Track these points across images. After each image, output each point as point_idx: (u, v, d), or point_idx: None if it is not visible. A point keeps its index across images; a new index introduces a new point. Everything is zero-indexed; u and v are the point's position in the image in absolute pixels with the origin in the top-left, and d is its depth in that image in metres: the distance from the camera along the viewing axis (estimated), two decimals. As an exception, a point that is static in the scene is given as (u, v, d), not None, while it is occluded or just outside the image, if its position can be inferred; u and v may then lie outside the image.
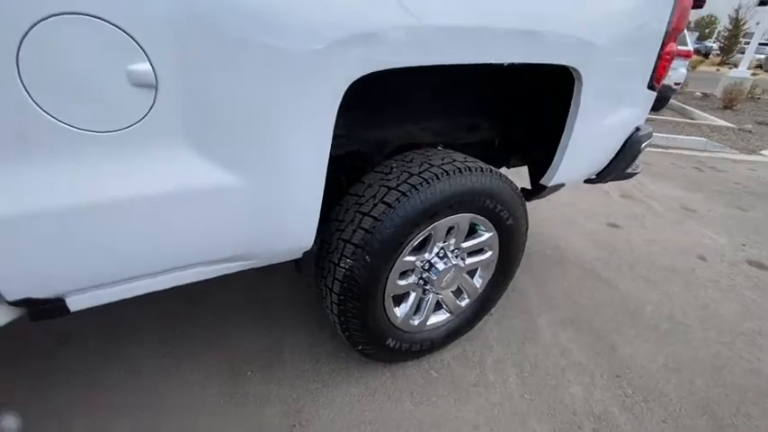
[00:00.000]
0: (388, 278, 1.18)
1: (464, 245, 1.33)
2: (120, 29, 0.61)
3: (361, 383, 1.36)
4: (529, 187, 1.60)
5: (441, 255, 1.29)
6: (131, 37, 0.62)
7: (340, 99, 0.81)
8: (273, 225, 0.88)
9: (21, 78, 0.57)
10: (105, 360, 1.35)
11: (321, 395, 1.31)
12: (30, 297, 0.73)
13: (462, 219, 1.24)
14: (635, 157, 1.59)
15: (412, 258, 1.22)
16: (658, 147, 5.02)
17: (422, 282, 1.30)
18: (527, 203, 1.53)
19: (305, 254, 1.05)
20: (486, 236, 1.35)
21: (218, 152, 0.75)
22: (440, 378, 1.42)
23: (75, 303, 0.80)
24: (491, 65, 1.04)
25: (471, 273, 1.45)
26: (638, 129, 1.56)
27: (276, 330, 1.54)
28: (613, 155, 1.55)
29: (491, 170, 1.22)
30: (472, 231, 1.34)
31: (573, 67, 1.14)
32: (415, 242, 1.18)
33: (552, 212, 2.75)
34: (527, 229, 1.44)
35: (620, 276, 2.09)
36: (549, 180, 1.42)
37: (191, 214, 0.77)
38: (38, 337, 1.40)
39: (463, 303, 1.46)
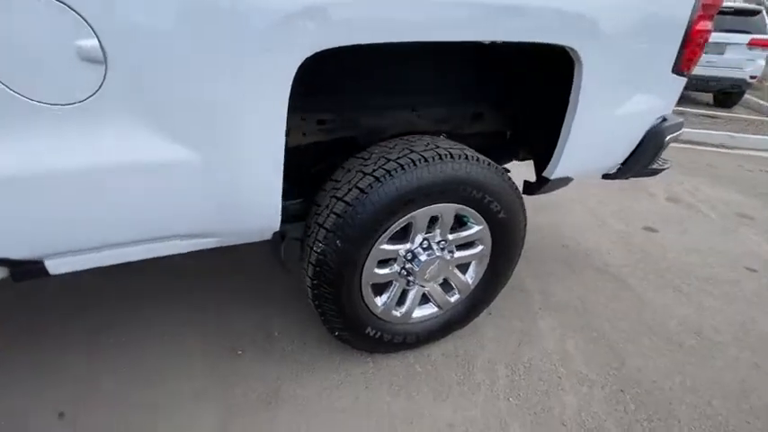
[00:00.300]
0: (363, 265, 1.16)
1: (451, 237, 1.27)
2: (67, 5, 0.64)
3: (342, 370, 1.36)
4: (533, 180, 1.49)
5: (425, 246, 1.25)
6: (78, 14, 0.65)
7: (292, 75, 0.80)
8: (231, 201, 0.90)
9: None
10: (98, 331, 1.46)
11: (302, 377, 1.33)
12: (7, 257, 0.80)
13: (446, 209, 1.19)
14: (658, 152, 1.43)
15: (391, 247, 1.19)
16: (724, 147, 4.51)
17: (404, 272, 1.26)
18: (538, 196, 1.45)
19: (276, 237, 1.06)
20: (476, 229, 1.28)
21: (168, 127, 0.78)
22: (423, 373, 1.38)
23: (54, 267, 0.87)
24: (478, 44, 0.98)
25: (462, 267, 1.39)
26: (663, 119, 1.41)
27: (270, 312, 1.57)
28: (632, 148, 1.41)
29: (479, 159, 1.16)
30: (462, 224, 1.29)
31: (570, 48, 1.04)
32: (393, 230, 1.15)
33: (582, 212, 2.57)
34: (525, 225, 1.36)
35: (645, 285, 1.91)
36: (552, 172, 1.32)
37: (145, 187, 0.81)
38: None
39: (453, 299, 1.40)
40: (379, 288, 1.28)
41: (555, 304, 1.73)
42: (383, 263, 1.23)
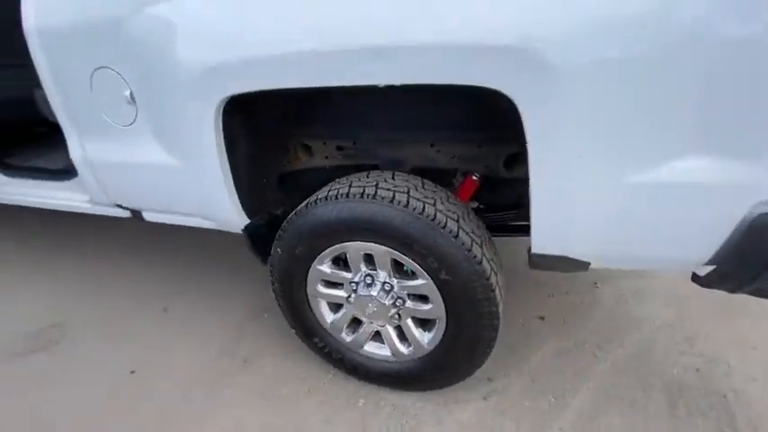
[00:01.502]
0: (306, 279, 1.28)
1: (395, 282, 1.19)
2: (120, 76, 1.17)
3: (300, 367, 1.49)
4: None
5: (368, 281, 1.22)
6: (124, 79, 1.17)
7: (220, 111, 1.06)
8: (203, 195, 1.25)
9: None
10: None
11: (265, 355, 1.55)
12: (120, 204, 1.48)
13: (377, 250, 1.12)
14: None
15: (331, 270, 1.25)
16: None
17: (350, 301, 1.28)
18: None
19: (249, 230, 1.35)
20: (419, 282, 1.13)
21: (165, 142, 1.21)
22: (363, 408, 1.34)
23: (148, 217, 1.52)
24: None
25: (426, 324, 1.25)
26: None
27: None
28: (711, 240, 0.83)
29: (407, 204, 1.04)
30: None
31: (501, 92, 0.79)
32: (328, 254, 1.21)
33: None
34: (491, 299, 1.07)
35: None
36: (533, 244, 0.98)
37: (160, 179, 1.29)
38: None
39: (406, 351, 1.28)
40: (337, 306, 1.35)
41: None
42: (331, 284, 1.30)
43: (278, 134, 1.33)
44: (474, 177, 1.38)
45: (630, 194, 0.81)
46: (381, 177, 1.14)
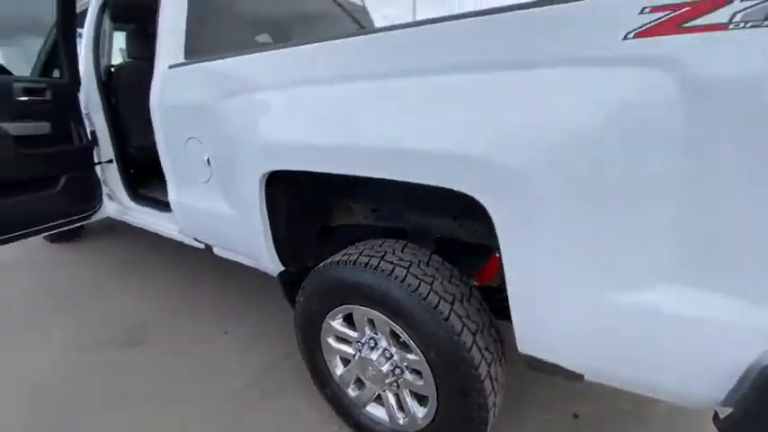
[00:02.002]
0: (321, 331, 1.39)
1: (394, 350, 1.23)
2: (199, 141, 1.49)
3: (313, 411, 1.57)
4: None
5: (371, 345, 1.28)
6: (201, 143, 1.48)
7: (263, 180, 1.28)
8: (250, 242, 1.48)
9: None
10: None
11: (288, 391, 1.68)
12: (196, 238, 1.81)
13: (378, 317, 1.19)
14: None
15: (342, 328, 1.34)
16: None
17: (355, 359, 1.35)
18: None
19: (283, 276, 1.54)
20: (413, 356, 1.15)
21: (227, 197, 1.48)
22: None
23: (216, 251, 1.83)
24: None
25: (423, 398, 1.25)
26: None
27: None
28: (712, 379, 0.72)
29: (403, 279, 1.09)
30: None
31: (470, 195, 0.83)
32: (339, 312, 1.31)
33: None
34: (484, 393, 1.04)
35: None
36: (518, 343, 0.95)
37: (222, 224, 1.56)
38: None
39: (401, 421, 1.29)
40: (347, 361, 1.43)
41: None
42: (342, 339, 1.38)
43: (316, 199, 1.51)
44: (498, 255, 1.36)
45: (612, 313, 0.76)
46: (391, 249, 1.22)
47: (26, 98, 1.85)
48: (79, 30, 2.29)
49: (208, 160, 1.50)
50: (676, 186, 0.65)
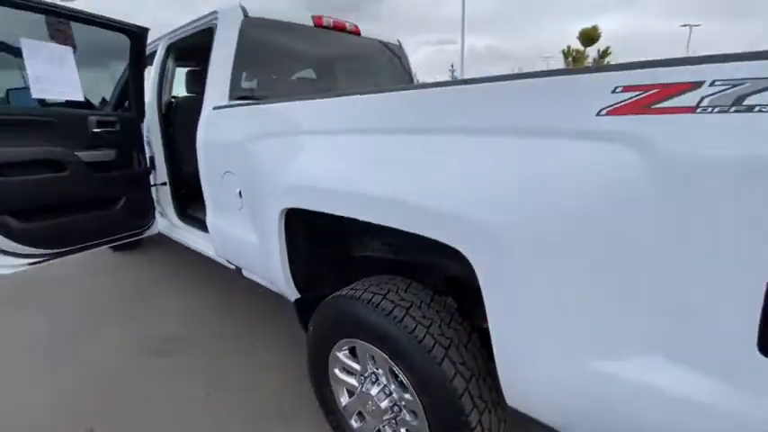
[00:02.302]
0: (328, 362, 1.45)
1: (392, 387, 1.25)
2: (233, 175, 1.64)
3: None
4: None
5: (372, 379, 1.32)
6: (235, 176, 1.64)
7: (282, 216, 1.40)
8: (270, 268, 1.59)
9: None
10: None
11: (302, 415, 1.74)
12: (228, 260, 1.96)
13: (377, 353, 1.23)
14: None
15: (347, 360, 1.39)
16: None
17: (357, 391, 1.39)
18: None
19: (298, 303, 1.63)
20: (408, 395, 1.18)
21: (254, 226, 1.62)
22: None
23: (245, 273, 1.97)
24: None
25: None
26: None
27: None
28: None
29: (401, 320, 1.13)
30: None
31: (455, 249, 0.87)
32: (344, 345, 1.37)
33: None
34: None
35: None
36: (505, 396, 0.95)
37: (249, 249, 1.70)
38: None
39: (398, 460, 1.30)
40: (351, 392, 1.47)
41: None
42: (347, 371, 1.43)
43: (332, 232, 1.60)
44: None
45: (584, 377, 0.76)
46: (395, 287, 1.27)
47: (99, 129, 2.14)
48: (148, 67, 2.62)
49: (240, 192, 1.65)
50: (645, 259, 0.65)
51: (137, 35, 2.18)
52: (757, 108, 0.55)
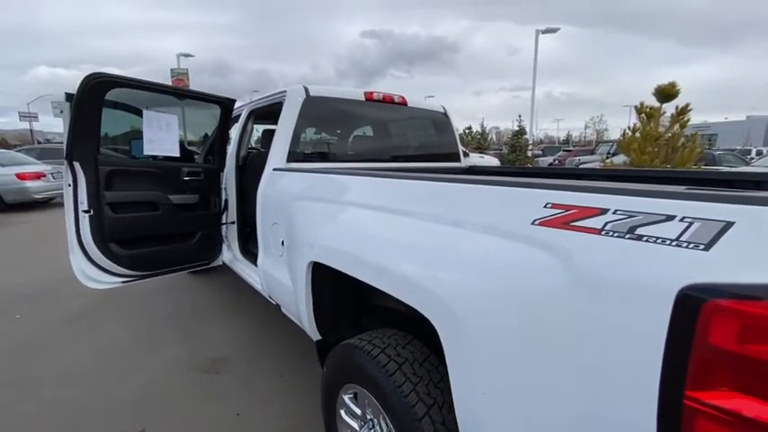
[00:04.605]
0: (336, 403, 1.61)
1: (388, 436, 1.37)
2: (279, 226, 1.96)
3: None
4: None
5: (370, 426, 1.45)
6: (280, 228, 1.95)
7: (309, 267, 1.65)
8: (299, 311, 1.83)
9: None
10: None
11: None
12: (269, 296, 2.26)
13: (372, 401, 1.37)
14: None
15: (351, 404, 1.53)
16: None
17: (360, 435, 1.51)
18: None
19: (318, 344, 1.83)
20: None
21: (290, 272, 1.89)
22: None
23: (283, 310, 2.25)
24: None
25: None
26: None
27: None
28: None
29: (392, 374, 1.26)
30: None
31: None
32: (349, 389, 1.52)
33: None
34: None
35: None
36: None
37: (284, 291, 1.97)
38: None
39: None
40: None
41: None
42: (351, 414, 1.57)
43: (352, 284, 1.82)
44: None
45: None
46: (395, 343, 1.42)
47: (188, 178, 2.66)
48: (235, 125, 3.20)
49: (282, 242, 1.96)
50: (569, 356, 0.75)
51: (226, 105, 2.72)
52: (645, 238, 0.67)
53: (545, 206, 0.82)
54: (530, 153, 17.12)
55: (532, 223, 0.83)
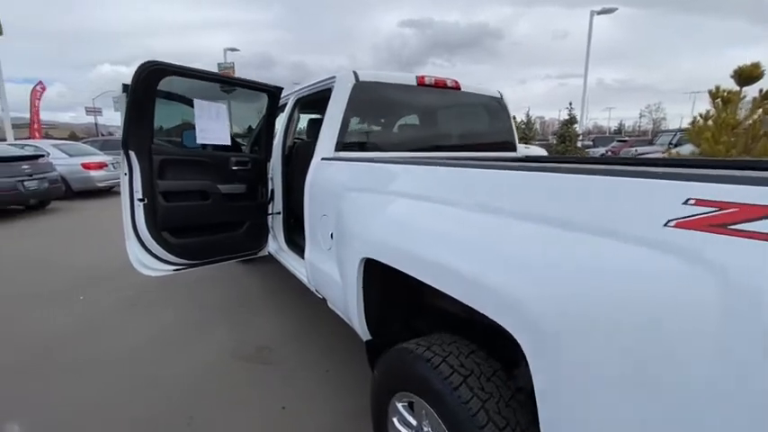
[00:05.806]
0: (388, 409, 1.50)
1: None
2: (329, 218, 1.86)
3: None
4: None
5: (425, 436, 1.32)
6: (330, 220, 1.85)
7: (362, 264, 1.53)
8: (348, 308, 1.73)
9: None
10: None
11: None
12: (316, 289, 2.19)
13: (431, 414, 1.24)
14: None
15: (404, 412, 1.42)
16: None
17: (413, 446, 1.40)
18: None
19: (368, 344, 1.72)
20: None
21: (339, 267, 1.79)
22: None
23: (329, 305, 2.18)
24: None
25: None
26: None
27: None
28: None
29: (448, 377, 1.13)
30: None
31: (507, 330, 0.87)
32: (403, 397, 1.40)
33: None
34: None
35: None
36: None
37: (332, 285, 1.88)
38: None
39: None
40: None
41: None
42: (404, 423, 1.46)
43: (407, 284, 1.69)
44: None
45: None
46: (457, 351, 1.27)
47: (236, 168, 2.64)
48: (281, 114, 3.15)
49: (331, 234, 1.86)
50: (701, 386, 0.58)
51: (273, 93, 2.66)
52: None
53: (685, 202, 0.63)
54: (579, 143, 16.09)
55: (666, 225, 0.65)
